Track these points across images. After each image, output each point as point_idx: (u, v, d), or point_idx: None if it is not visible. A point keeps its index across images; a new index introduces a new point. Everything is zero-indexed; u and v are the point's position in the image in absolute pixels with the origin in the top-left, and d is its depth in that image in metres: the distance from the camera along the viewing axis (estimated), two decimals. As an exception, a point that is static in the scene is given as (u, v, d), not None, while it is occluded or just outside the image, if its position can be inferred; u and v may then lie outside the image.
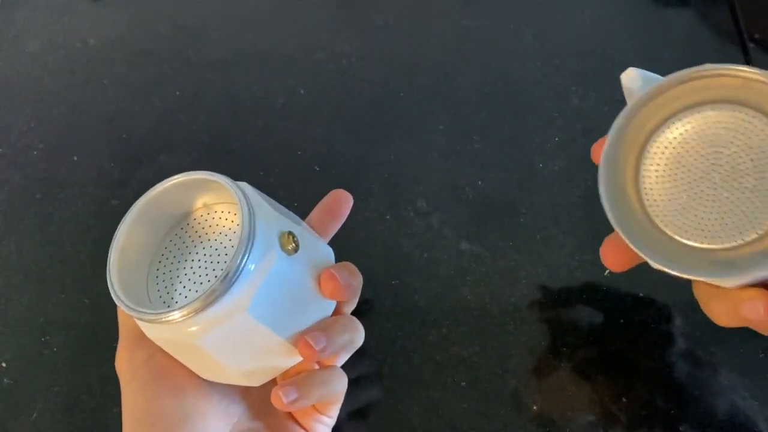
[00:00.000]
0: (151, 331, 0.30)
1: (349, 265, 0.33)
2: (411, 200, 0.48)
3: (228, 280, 0.27)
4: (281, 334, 0.30)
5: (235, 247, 0.28)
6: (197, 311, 0.27)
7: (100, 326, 0.44)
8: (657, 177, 0.29)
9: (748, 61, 0.55)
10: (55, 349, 0.43)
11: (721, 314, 0.30)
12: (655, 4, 0.60)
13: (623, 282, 0.45)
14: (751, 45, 0.56)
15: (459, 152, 0.51)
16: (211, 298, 0.27)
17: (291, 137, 0.52)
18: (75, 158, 0.51)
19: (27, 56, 0.57)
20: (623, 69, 0.59)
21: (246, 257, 0.27)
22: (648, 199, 0.29)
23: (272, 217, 0.30)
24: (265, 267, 0.28)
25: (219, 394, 0.32)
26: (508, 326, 0.43)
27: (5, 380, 0.42)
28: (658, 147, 0.30)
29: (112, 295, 0.29)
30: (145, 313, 0.28)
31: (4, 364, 0.43)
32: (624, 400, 0.41)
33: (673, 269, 0.28)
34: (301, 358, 0.31)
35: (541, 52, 0.56)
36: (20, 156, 0.51)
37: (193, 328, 0.28)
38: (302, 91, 0.54)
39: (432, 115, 0.53)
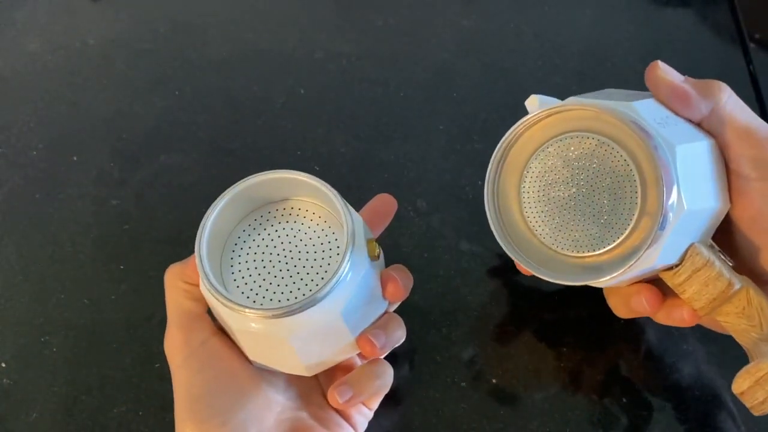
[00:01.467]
0: (232, 319, 0.31)
1: (403, 268, 0.35)
2: (411, 200, 0.48)
3: (331, 285, 0.30)
4: (354, 334, 0.32)
5: (323, 248, 0.33)
6: (297, 311, 0.29)
7: (100, 326, 0.44)
8: (534, 196, 0.35)
9: (748, 61, 0.55)
10: (55, 349, 0.43)
11: (617, 307, 0.36)
12: (655, 4, 0.60)
13: (623, 282, 0.45)
14: (751, 45, 0.56)
15: (459, 152, 0.51)
16: (314, 300, 0.29)
17: (291, 137, 0.52)
18: (75, 158, 0.51)
19: (27, 56, 0.57)
20: (623, 69, 0.59)
21: (347, 264, 0.30)
22: (528, 215, 0.35)
23: (361, 224, 0.33)
24: (358, 273, 0.31)
25: (266, 383, 0.33)
26: (508, 326, 0.43)
27: (5, 380, 0.42)
28: (532, 171, 0.35)
29: (206, 283, 0.30)
30: (245, 306, 0.30)
31: (4, 364, 0.43)
32: (624, 400, 0.41)
33: (547, 276, 0.33)
34: (353, 354, 0.34)
35: (541, 52, 0.56)
36: (20, 156, 0.51)
37: (288, 325, 0.30)
38: (302, 91, 0.54)
39: (432, 115, 0.53)
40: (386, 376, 0.34)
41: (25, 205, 0.49)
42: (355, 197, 0.38)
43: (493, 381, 0.41)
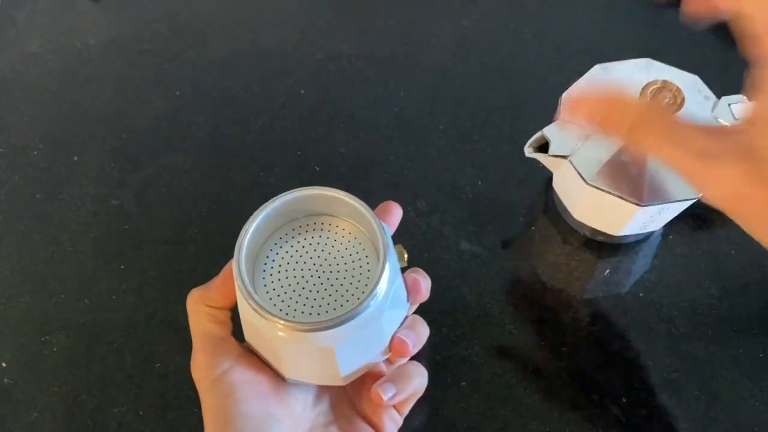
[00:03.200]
0: (274, 334, 0.30)
1: (422, 271, 0.35)
2: (411, 200, 0.48)
3: (375, 294, 0.30)
4: (388, 338, 0.32)
5: (352, 258, 0.33)
6: (345, 321, 0.30)
7: (100, 326, 0.44)
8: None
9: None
10: (55, 349, 0.43)
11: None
12: (655, 4, 0.60)
13: (623, 282, 0.45)
14: (751, 45, 0.55)
15: (459, 152, 0.51)
16: (361, 309, 0.30)
17: (291, 137, 0.52)
18: (75, 158, 0.51)
19: (27, 56, 0.57)
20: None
21: (384, 274, 0.31)
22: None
23: (389, 233, 0.33)
24: (393, 280, 0.31)
25: (295, 400, 0.33)
26: (508, 326, 0.43)
27: (5, 380, 0.42)
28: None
29: (251, 302, 0.30)
30: (295, 321, 0.29)
31: (4, 364, 0.43)
32: (624, 400, 0.41)
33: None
34: (384, 358, 0.34)
35: (541, 52, 0.56)
36: (20, 156, 0.51)
37: (334, 336, 0.30)
38: (302, 91, 0.54)
39: (432, 115, 0.53)
40: (423, 376, 0.34)
41: (25, 205, 0.49)
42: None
43: (494, 381, 0.41)
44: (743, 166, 0.22)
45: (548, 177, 0.49)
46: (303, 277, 0.33)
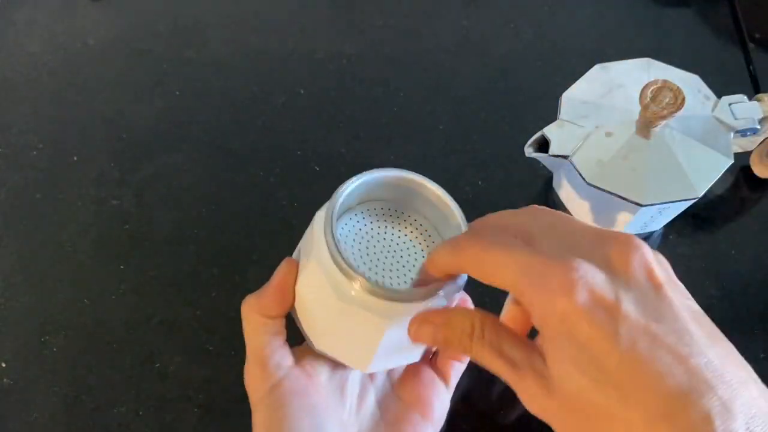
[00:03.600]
0: (359, 310, 0.29)
1: None
2: (411, 200, 0.48)
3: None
4: None
5: (420, 243, 0.34)
6: (444, 295, 0.30)
7: (100, 326, 0.44)
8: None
9: (748, 62, 0.55)
10: (55, 349, 0.43)
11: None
12: (655, 4, 0.60)
13: (623, 282, 0.45)
14: (751, 45, 0.56)
15: (459, 152, 0.51)
16: (458, 286, 0.31)
17: (291, 137, 0.52)
18: (75, 158, 0.51)
19: (27, 56, 0.57)
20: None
21: None
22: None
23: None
24: None
25: (342, 409, 0.33)
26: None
27: (5, 380, 0.42)
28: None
29: (341, 265, 0.29)
30: (406, 291, 0.30)
31: (4, 364, 0.43)
32: (624, 400, 0.41)
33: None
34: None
35: (541, 52, 0.56)
36: (20, 156, 0.51)
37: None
38: (302, 91, 0.54)
39: (432, 115, 0.53)
40: None
41: (25, 205, 0.49)
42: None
43: (493, 381, 0.41)
44: (537, 379, 0.26)
45: (548, 177, 0.49)
46: (374, 252, 0.33)
